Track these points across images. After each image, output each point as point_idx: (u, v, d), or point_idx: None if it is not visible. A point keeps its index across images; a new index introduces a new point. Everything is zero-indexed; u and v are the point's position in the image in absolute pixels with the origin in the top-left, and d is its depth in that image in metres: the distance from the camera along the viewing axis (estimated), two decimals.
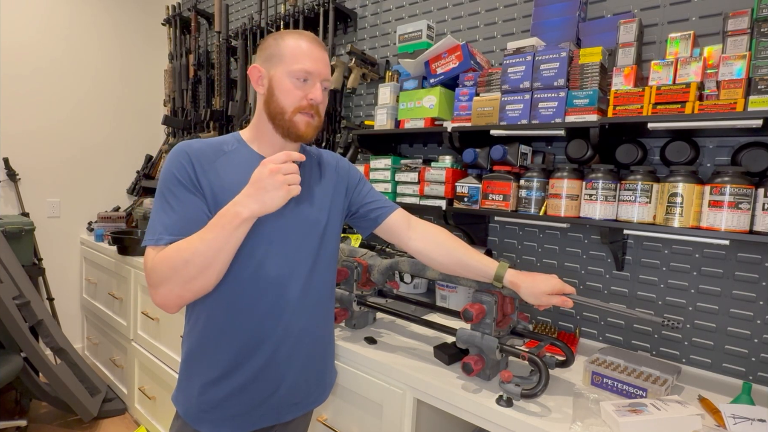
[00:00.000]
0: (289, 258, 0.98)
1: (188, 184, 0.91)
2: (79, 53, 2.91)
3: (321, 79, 0.97)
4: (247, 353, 0.97)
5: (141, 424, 2.29)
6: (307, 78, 0.95)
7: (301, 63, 0.94)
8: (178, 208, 0.90)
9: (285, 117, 0.96)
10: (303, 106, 0.96)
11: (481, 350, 1.10)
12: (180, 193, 0.91)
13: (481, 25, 1.72)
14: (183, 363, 1.03)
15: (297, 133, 0.97)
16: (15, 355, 2.00)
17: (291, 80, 0.95)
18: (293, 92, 0.95)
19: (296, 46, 0.95)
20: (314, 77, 0.96)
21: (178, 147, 0.95)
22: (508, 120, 1.37)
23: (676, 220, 1.11)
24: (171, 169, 0.92)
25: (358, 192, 1.15)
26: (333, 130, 2.12)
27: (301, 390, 1.05)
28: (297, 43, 0.96)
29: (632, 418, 0.89)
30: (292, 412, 1.05)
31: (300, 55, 0.95)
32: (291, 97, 0.95)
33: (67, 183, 2.91)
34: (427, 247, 1.12)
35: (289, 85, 0.95)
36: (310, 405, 1.09)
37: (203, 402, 0.98)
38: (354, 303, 1.39)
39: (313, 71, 0.95)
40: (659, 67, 1.14)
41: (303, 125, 0.96)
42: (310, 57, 0.95)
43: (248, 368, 0.97)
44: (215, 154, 0.96)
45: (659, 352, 1.35)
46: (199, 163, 0.93)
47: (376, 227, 1.14)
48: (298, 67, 0.94)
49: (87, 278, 2.88)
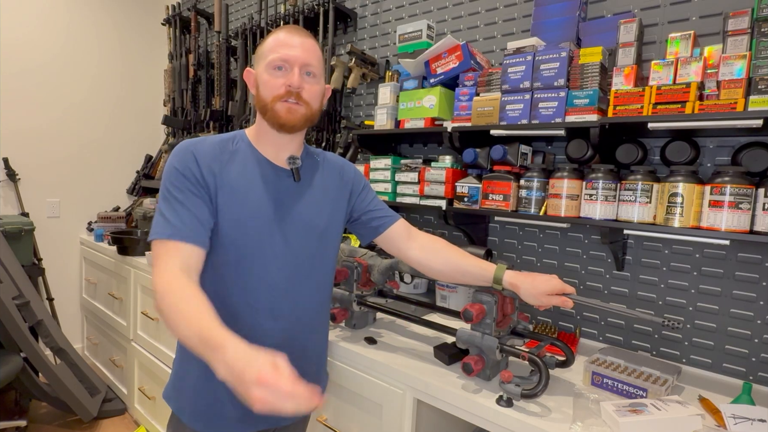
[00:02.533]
0: (287, 260, 0.98)
1: (193, 185, 0.91)
2: (80, 53, 2.91)
3: (300, 65, 0.95)
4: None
5: (141, 424, 2.29)
6: (282, 66, 0.95)
7: (276, 52, 0.95)
8: (182, 207, 0.90)
9: (267, 108, 0.96)
10: (281, 93, 0.95)
11: (481, 350, 1.10)
12: (185, 193, 0.90)
13: (481, 24, 1.72)
14: (177, 361, 1.03)
15: (279, 122, 0.96)
16: (15, 355, 2.00)
17: (268, 72, 0.95)
18: (270, 82, 0.95)
19: (273, 40, 0.97)
20: (290, 64, 0.95)
21: (184, 146, 0.95)
22: (508, 120, 1.37)
23: (677, 220, 1.10)
24: (177, 168, 0.92)
25: (362, 199, 1.14)
26: (333, 130, 2.12)
27: None
28: (274, 36, 0.97)
29: (632, 418, 0.88)
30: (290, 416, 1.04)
31: (275, 45, 0.95)
32: (269, 87, 0.95)
33: (66, 183, 2.91)
34: (425, 257, 1.12)
35: (267, 77, 0.96)
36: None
37: (199, 400, 0.98)
38: (354, 303, 1.39)
39: (288, 58, 0.94)
40: (659, 66, 1.14)
41: (284, 112, 0.95)
42: (285, 44, 0.95)
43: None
44: (220, 151, 0.96)
45: (659, 352, 1.35)
46: (204, 161, 0.93)
47: (376, 236, 1.14)
48: (273, 56, 0.94)
49: (87, 278, 2.88)
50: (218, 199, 0.92)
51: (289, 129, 0.97)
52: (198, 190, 0.91)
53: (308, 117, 0.98)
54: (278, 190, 0.99)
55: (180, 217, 0.89)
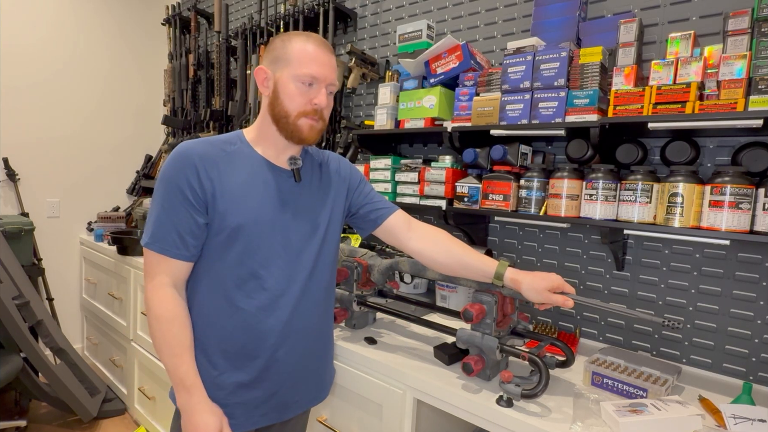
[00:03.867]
0: (290, 260, 0.99)
1: (190, 194, 0.91)
2: (79, 53, 2.90)
3: (327, 84, 0.96)
4: (246, 354, 0.97)
5: (141, 425, 2.29)
6: (312, 83, 0.94)
7: (307, 67, 0.93)
8: (177, 219, 0.92)
9: (289, 120, 0.95)
10: (307, 111, 0.95)
11: (481, 350, 1.10)
12: (181, 203, 0.91)
13: (481, 24, 1.72)
14: None
15: (300, 136, 0.97)
16: (15, 356, 2.00)
17: (296, 84, 0.94)
18: (298, 96, 0.94)
19: (303, 50, 0.94)
20: (320, 82, 0.95)
21: (183, 151, 0.93)
22: (508, 120, 1.37)
23: (677, 220, 1.10)
24: (175, 175, 0.92)
25: (359, 193, 1.14)
26: (333, 130, 2.12)
27: (301, 388, 1.05)
28: (304, 46, 0.95)
29: (632, 418, 0.88)
30: (292, 410, 1.06)
31: (306, 59, 0.94)
32: (296, 102, 0.95)
33: (66, 183, 2.91)
34: (426, 247, 1.11)
35: (294, 89, 0.94)
36: (309, 403, 1.10)
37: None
38: (354, 303, 1.39)
39: (319, 76, 0.94)
40: (659, 66, 1.14)
41: (306, 129, 0.96)
42: (317, 61, 0.94)
43: (249, 368, 0.97)
44: (218, 154, 0.96)
45: (659, 352, 1.35)
46: (203, 167, 0.92)
47: (375, 228, 1.14)
48: (304, 71, 0.93)
49: (87, 278, 2.88)
50: (218, 205, 0.93)
51: (306, 144, 0.99)
52: (192, 199, 0.91)
53: (322, 131, 1.01)
54: (279, 191, 0.99)
55: (170, 229, 0.91)
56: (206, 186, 0.92)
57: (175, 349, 0.92)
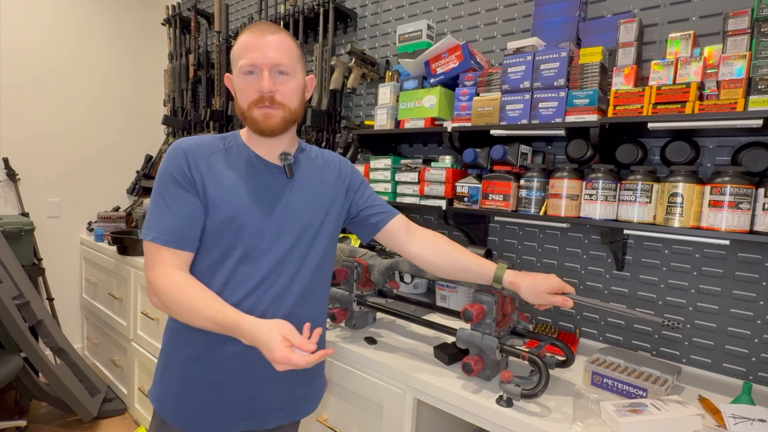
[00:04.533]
0: (280, 256, 0.97)
1: (183, 181, 0.92)
2: (80, 53, 2.91)
3: (269, 67, 0.92)
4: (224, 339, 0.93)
5: (141, 424, 2.29)
6: (251, 70, 0.93)
7: (243, 58, 0.93)
8: (174, 207, 0.92)
9: (246, 115, 0.96)
10: (254, 100, 0.94)
11: (481, 350, 1.10)
12: (175, 191, 0.92)
13: (481, 25, 1.72)
14: (161, 362, 1.02)
15: (259, 128, 0.96)
16: (15, 355, 2.00)
17: (241, 78, 0.94)
18: (244, 89, 0.95)
19: (240, 44, 0.95)
20: (258, 67, 0.93)
21: (176, 145, 0.96)
22: (508, 120, 1.37)
23: (677, 220, 1.11)
24: (167, 166, 0.94)
25: (360, 195, 1.14)
26: (333, 130, 2.12)
27: (284, 396, 1.02)
28: (241, 39, 0.95)
29: (632, 418, 0.89)
30: (275, 419, 1.02)
31: (243, 50, 0.94)
32: (244, 95, 0.95)
33: (66, 183, 2.91)
34: (426, 252, 1.11)
35: (240, 84, 0.95)
36: (296, 415, 1.06)
37: (181, 401, 0.97)
38: (354, 303, 1.39)
39: (256, 62, 0.92)
40: (659, 66, 1.14)
41: (261, 118, 0.95)
42: (252, 48, 0.93)
43: (226, 355, 0.95)
44: (210, 150, 0.97)
45: (659, 352, 1.35)
46: (193, 159, 0.94)
47: (376, 233, 1.13)
48: (242, 63, 0.93)
49: (87, 278, 2.88)
50: (206, 198, 0.93)
51: (270, 134, 0.97)
52: (188, 188, 0.93)
53: (287, 118, 0.97)
54: (271, 187, 0.99)
55: (170, 220, 0.91)
56: (195, 177, 0.93)
57: (204, 311, 0.86)
